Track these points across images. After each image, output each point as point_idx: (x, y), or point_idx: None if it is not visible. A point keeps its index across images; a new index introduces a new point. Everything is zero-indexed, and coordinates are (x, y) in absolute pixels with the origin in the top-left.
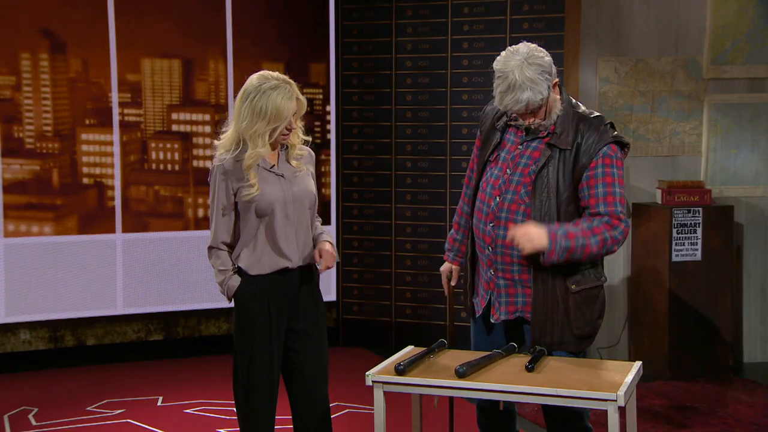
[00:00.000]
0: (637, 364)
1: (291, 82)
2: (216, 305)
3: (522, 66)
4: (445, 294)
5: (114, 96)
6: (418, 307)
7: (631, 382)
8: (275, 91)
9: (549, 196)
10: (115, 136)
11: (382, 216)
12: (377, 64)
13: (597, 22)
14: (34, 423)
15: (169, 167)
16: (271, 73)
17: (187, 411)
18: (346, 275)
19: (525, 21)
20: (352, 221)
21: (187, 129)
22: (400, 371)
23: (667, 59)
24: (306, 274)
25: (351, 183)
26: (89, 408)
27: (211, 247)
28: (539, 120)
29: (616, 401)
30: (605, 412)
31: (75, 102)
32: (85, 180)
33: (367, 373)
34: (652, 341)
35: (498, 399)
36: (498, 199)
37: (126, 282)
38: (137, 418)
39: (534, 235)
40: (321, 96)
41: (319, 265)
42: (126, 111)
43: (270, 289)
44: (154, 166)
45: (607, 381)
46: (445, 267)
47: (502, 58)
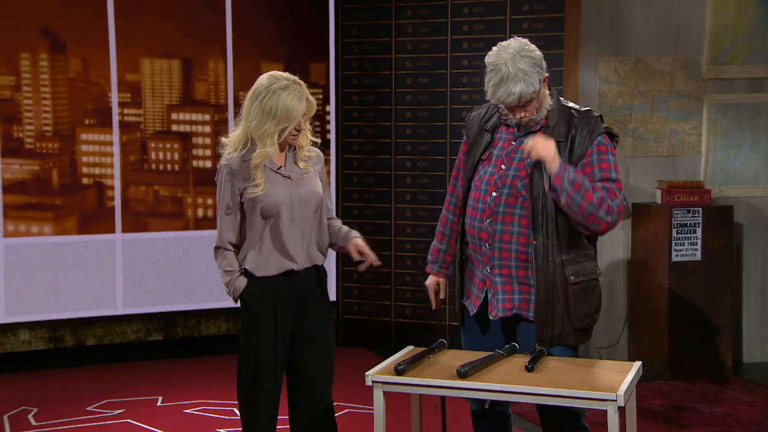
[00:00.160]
0: (637, 364)
1: (301, 83)
2: (216, 305)
3: (515, 58)
4: (433, 308)
5: (114, 96)
6: (417, 307)
7: (631, 382)
8: (285, 92)
9: (545, 187)
10: (115, 136)
11: (381, 216)
12: (377, 64)
13: (597, 22)
14: (33, 423)
15: (169, 167)
16: (281, 74)
17: (187, 411)
18: (346, 275)
19: (525, 21)
20: (351, 221)
21: (187, 129)
22: (399, 371)
23: (667, 59)
24: (313, 275)
25: (351, 183)
26: (89, 408)
27: (218, 247)
28: (530, 114)
29: (615, 401)
30: (605, 412)
31: (75, 102)
32: (85, 180)
33: (367, 373)
34: (651, 341)
35: (498, 399)
36: (494, 195)
37: (126, 282)
38: (137, 418)
39: (552, 149)
40: (321, 96)
41: (361, 263)
42: (126, 111)
43: (276, 291)
44: (153, 166)
45: (607, 381)
46: (431, 281)
47: (494, 52)
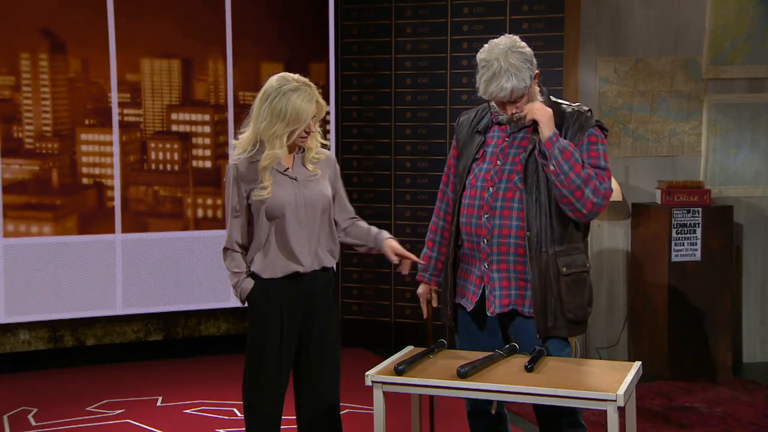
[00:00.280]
0: (637, 364)
1: (311, 84)
2: (216, 305)
3: (506, 54)
4: (425, 316)
5: (113, 96)
6: (417, 308)
7: (631, 382)
8: (295, 93)
9: (540, 180)
10: (115, 136)
11: (381, 216)
12: (377, 64)
13: (597, 22)
14: (33, 423)
15: (169, 167)
16: (292, 75)
17: (187, 411)
18: (345, 275)
19: (525, 21)
20: None
21: (187, 129)
22: (399, 371)
23: (667, 59)
24: (321, 278)
25: (350, 183)
26: (89, 408)
27: (226, 248)
28: (521, 111)
29: (615, 401)
30: (605, 412)
31: (74, 102)
32: (85, 180)
33: (367, 374)
34: (651, 341)
35: (497, 399)
36: (491, 190)
37: (125, 282)
38: (137, 418)
39: (548, 113)
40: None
41: (400, 268)
42: (125, 111)
43: (282, 293)
44: (153, 166)
45: (607, 381)
46: (424, 289)
47: (485, 49)
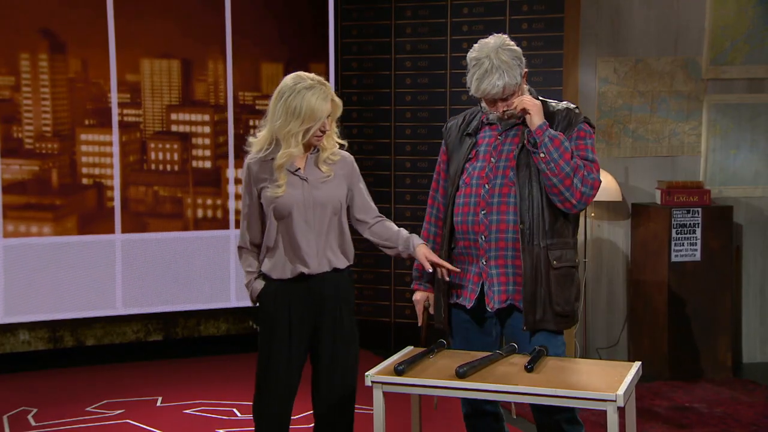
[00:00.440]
0: (637, 364)
1: (326, 83)
2: (215, 305)
3: (497, 51)
4: (420, 324)
5: (113, 96)
6: None
7: (631, 382)
8: (310, 91)
9: (531, 174)
10: (115, 136)
11: None
12: (377, 64)
13: (596, 22)
14: (33, 423)
15: (169, 167)
16: (307, 74)
17: (187, 411)
18: None
19: (524, 21)
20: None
21: (187, 129)
22: (399, 372)
23: (667, 59)
24: (330, 280)
25: None
26: (88, 408)
27: (240, 247)
28: (512, 108)
29: (615, 401)
30: (605, 412)
31: (74, 102)
32: (85, 180)
33: (367, 374)
34: (651, 341)
35: (497, 399)
36: (487, 186)
37: (125, 282)
38: (136, 418)
39: (538, 104)
40: None
41: (440, 274)
42: (125, 111)
43: (291, 294)
44: (153, 166)
45: (607, 381)
46: (421, 296)
47: (475, 48)
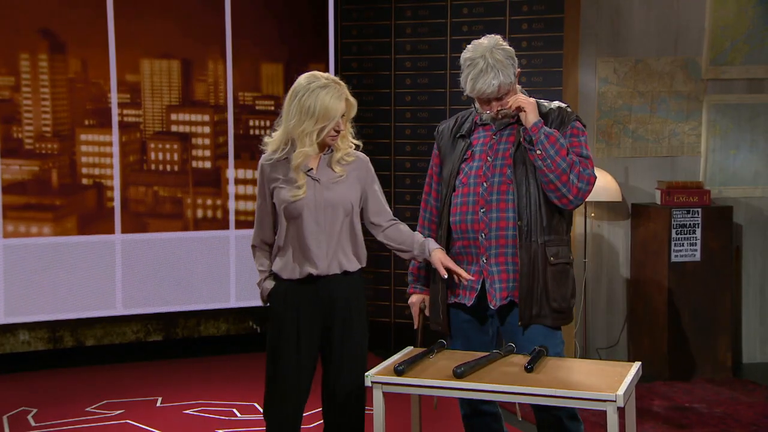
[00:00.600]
0: (637, 364)
1: (341, 83)
2: (215, 306)
3: (492, 51)
4: (416, 326)
5: (113, 96)
6: None
7: (631, 382)
8: (324, 90)
9: (528, 171)
10: (115, 136)
11: None
12: (376, 64)
13: (596, 22)
14: (33, 423)
15: (169, 168)
16: (321, 73)
17: (187, 412)
18: None
19: (524, 22)
20: None
21: (187, 129)
22: (399, 372)
23: (667, 60)
24: (340, 282)
25: None
26: (88, 408)
27: (253, 246)
28: (506, 108)
29: (615, 402)
30: (605, 412)
31: (74, 102)
32: (85, 181)
33: (367, 374)
34: (651, 342)
35: (496, 400)
36: (485, 185)
37: (125, 283)
38: (136, 418)
39: (533, 102)
40: None
41: (456, 280)
42: (125, 111)
43: (300, 295)
44: (153, 166)
45: (606, 381)
46: (417, 298)
47: (468, 49)
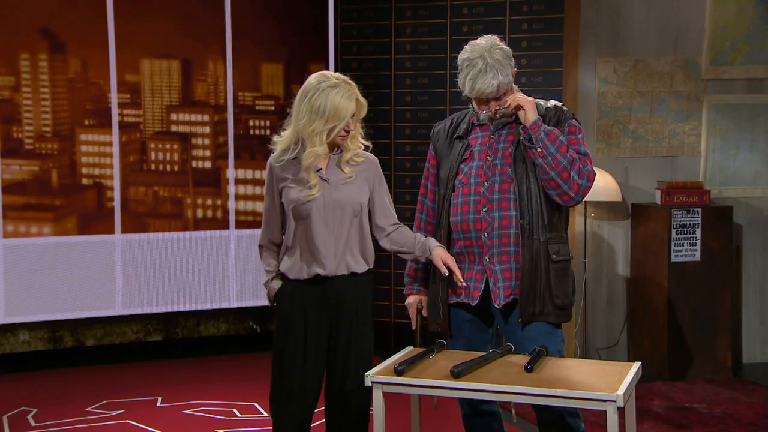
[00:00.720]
0: (637, 364)
1: (351, 83)
2: (215, 306)
3: (490, 51)
4: (414, 327)
5: (113, 96)
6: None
7: (631, 382)
8: (334, 90)
9: (528, 170)
10: (115, 136)
11: None
12: (376, 64)
13: (596, 22)
14: (33, 423)
15: (169, 168)
16: (332, 73)
17: (187, 412)
18: None
19: (524, 22)
20: None
21: (187, 129)
22: (399, 372)
23: (667, 60)
24: (348, 283)
25: None
26: (88, 408)
27: (260, 245)
28: (504, 108)
29: (615, 402)
30: (604, 412)
31: (74, 102)
32: (85, 181)
33: (367, 374)
34: (651, 342)
35: (496, 399)
36: (486, 184)
37: (125, 283)
38: (136, 418)
39: (532, 101)
40: None
41: (455, 278)
42: (125, 111)
43: (307, 296)
44: (153, 166)
45: (606, 381)
46: (414, 299)
47: (466, 50)
